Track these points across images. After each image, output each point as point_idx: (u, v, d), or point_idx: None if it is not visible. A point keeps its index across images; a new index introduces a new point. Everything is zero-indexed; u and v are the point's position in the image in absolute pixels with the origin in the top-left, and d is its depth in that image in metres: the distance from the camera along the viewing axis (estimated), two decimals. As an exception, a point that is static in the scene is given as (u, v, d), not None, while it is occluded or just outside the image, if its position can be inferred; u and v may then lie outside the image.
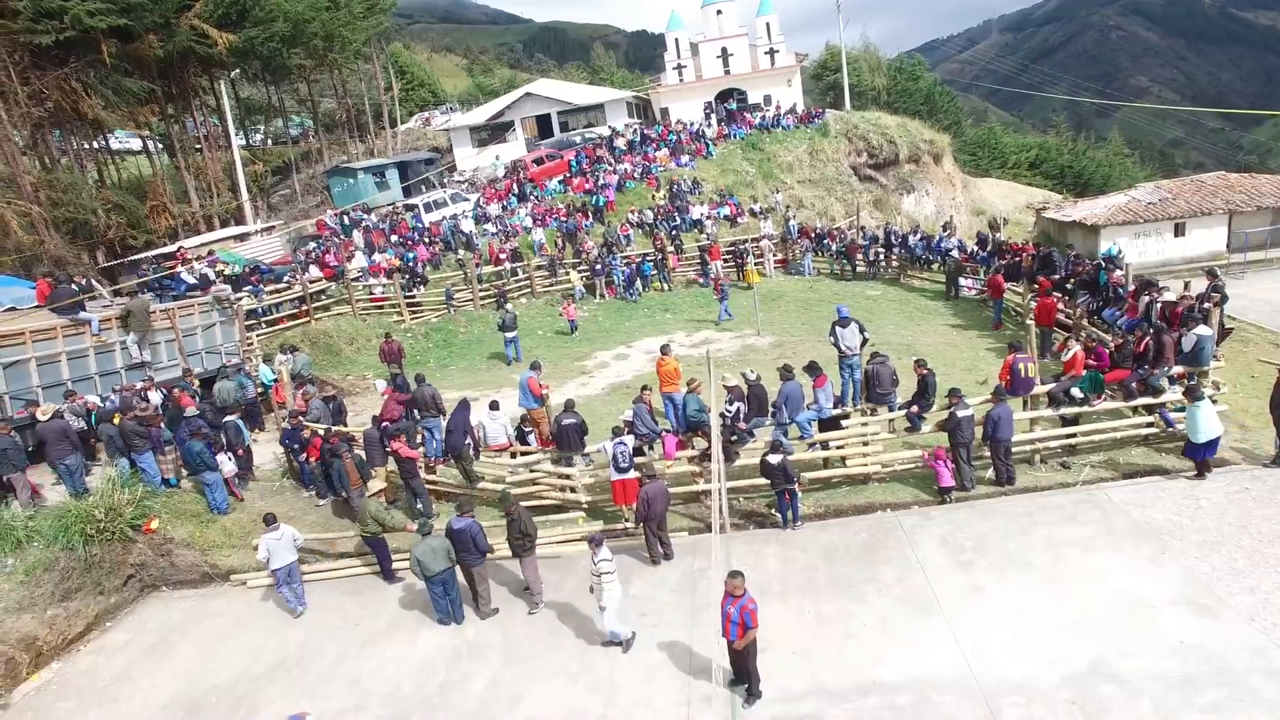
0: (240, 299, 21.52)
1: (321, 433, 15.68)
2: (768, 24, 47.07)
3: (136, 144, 37.99)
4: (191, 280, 21.42)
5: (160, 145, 33.11)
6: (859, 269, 31.98)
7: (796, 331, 25.49)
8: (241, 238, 30.95)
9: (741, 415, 13.53)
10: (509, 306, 27.53)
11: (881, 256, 31.30)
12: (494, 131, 46.90)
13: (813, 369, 13.97)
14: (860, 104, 67.01)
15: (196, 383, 18.49)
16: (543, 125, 46.91)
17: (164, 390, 17.99)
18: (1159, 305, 15.28)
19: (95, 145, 30.84)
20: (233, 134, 34.05)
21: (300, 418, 15.92)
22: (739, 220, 35.50)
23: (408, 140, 51.11)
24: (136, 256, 28.42)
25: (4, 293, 20.98)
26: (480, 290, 30.02)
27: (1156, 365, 13.33)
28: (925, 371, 13.80)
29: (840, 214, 38.65)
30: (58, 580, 13.15)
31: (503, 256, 31.14)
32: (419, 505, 14.86)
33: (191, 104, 34.39)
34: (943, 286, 28.43)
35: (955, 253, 28.40)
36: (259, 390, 18.87)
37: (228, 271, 24.62)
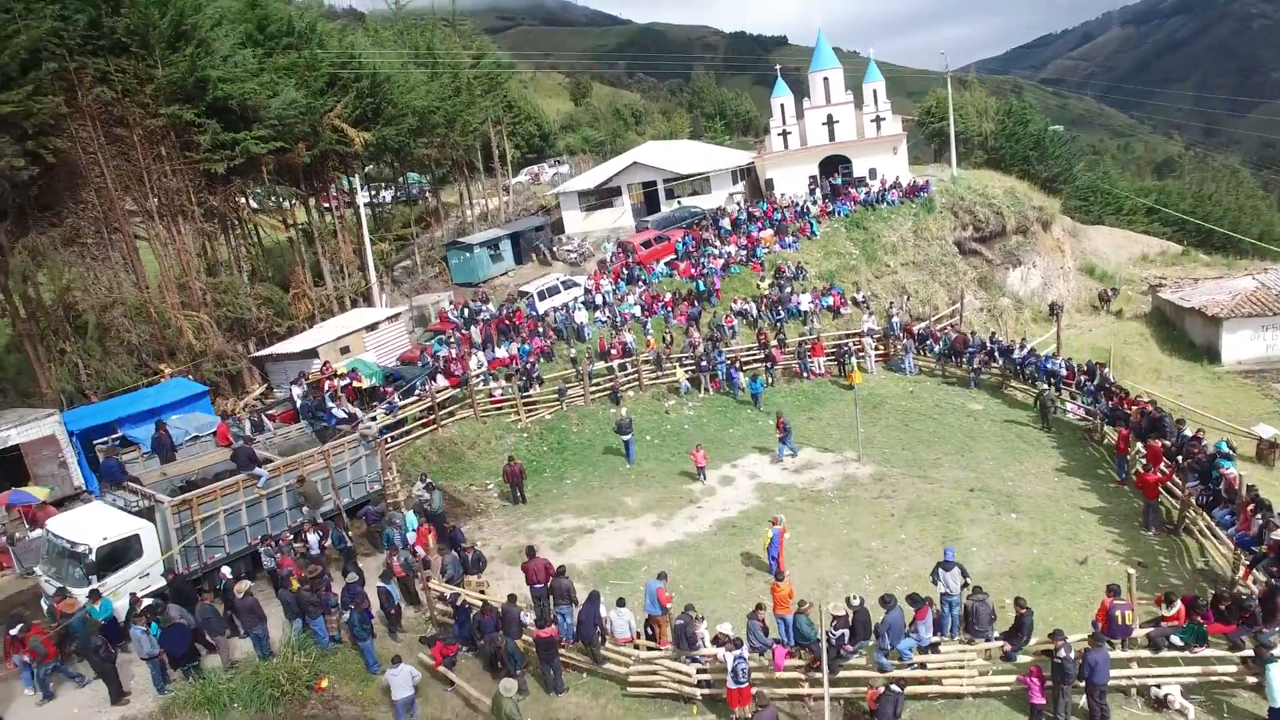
0: (379, 433, 23.68)
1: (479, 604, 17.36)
2: (874, 91, 47.13)
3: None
4: (342, 415, 23.81)
5: (301, 234, 36.08)
6: (961, 370, 32.25)
7: (897, 459, 26.16)
8: (372, 327, 33.59)
9: (846, 640, 14.60)
10: (625, 411, 29.10)
11: (984, 365, 31.45)
12: (601, 197, 48.66)
13: (914, 600, 14.88)
14: (966, 149, 66.05)
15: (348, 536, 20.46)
16: (649, 192, 48.41)
17: (320, 530, 20.34)
18: (1273, 537, 15.42)
19: (248, 242, 33.93)
20: (364, 220, 36.74)
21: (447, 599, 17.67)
22: (842, 311, 36.14)
23: (518, 199, 53.46)
24: (282, 351, 31.28)
25: (187, 421, 23.93)
26: (591, 386, 31.81)
27: (1268, 623, 13.65)
28: (1023, 611, 14.51)
29: (944, 300, 38.78)
30: (253, 741, 15.43)
31: (614, 352, 32.77)
32: (550, 673, 16.49)
33: (329, 193, 37.32)
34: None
35: (1061, 370, 28.37)
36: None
37: (365, 385, 27.11)
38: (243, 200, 31.18)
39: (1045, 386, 27.70)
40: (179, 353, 29.98)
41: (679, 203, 47.18)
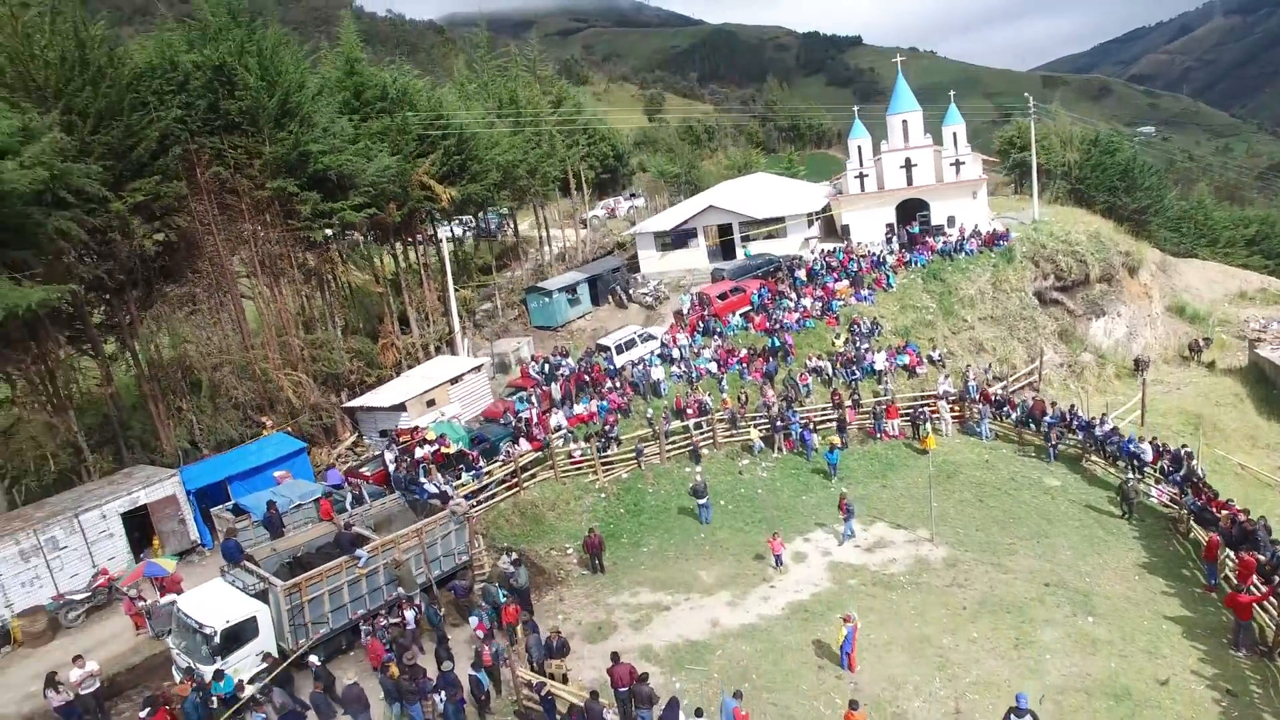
0: (466, 508, 24.93)
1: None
2: (954, 134, 46.57)
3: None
4: (433, 490, 25.17)
5: (390, 285, 37.78)
6: (1038, 439, 31.87)
7: (971, 541, 26.18)
8: (456, 380, 35.08)
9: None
10: (701, 476, 29.80)
11: (1062, 437, 31.02)
12: (677, 238, 49.38)
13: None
14: (1049, 180, 64.43)
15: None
16: (724, 233, 48.94)
17: (417, 606, 21.68)
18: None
19: (341, 297, 35.77)
20: (448, 269, 38.27)
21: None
22: (918, 370, 36.07)
23: (594, 236, 54.53)
24: (372, 405, 32.94)
25: (291, 489, 25.68)
26: (667, 445, 32.60)
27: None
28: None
29: (1022, 358, 38.28)
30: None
31: (689, 411, 33.48)
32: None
33: (416, 246, 38.98)
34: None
35: (1146, 454, 27.87)
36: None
37: (453, 450, 28.49)
38: (337, 258, 32.83)
39: (1129, 476, 27.09)
40: (279, 404, 31.96)
41: (748, 245, 47.57)
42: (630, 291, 46.48)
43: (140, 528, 25.45)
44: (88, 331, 26.32)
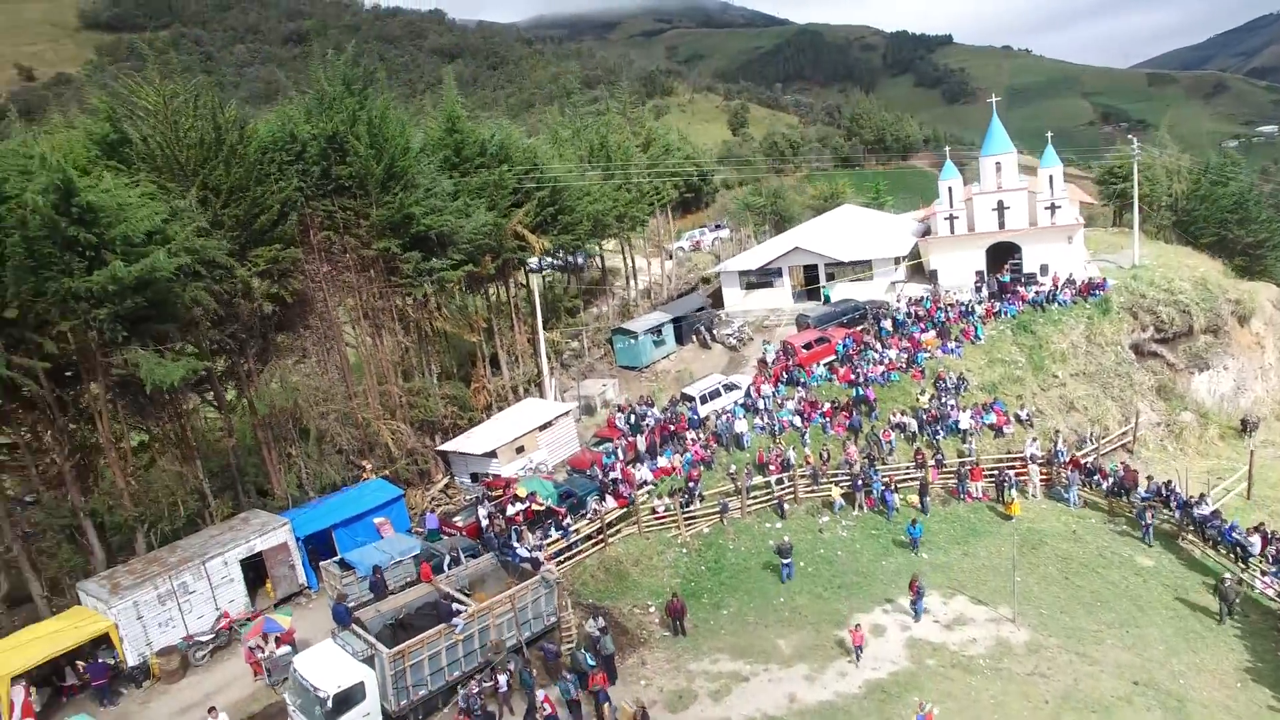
0: (556, 574, 26.07)
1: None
2: (1050, 176, 45.48)
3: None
4: (525, 554, 26.39)
5: (483, 333, 39.34)
6: (1128, 510, 31.08)
7: (1055, 624, 25.86)
8: (544, 426, 36.39)
9: None
10: (787, 537, 30.28)
11: (1156, 513, 30.17)
12: (762, 277, 49.71)
13: None
14: (1152, 210, 61.99)
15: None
16: (810, 273, 49.02)
17: (508, 669, 22.89)
18: None
19: (438, 346, 37.50)
20: (538, 312, 39.65)
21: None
22: (1004, 430, 35.56)
23: (680, 271, 55.27)
24: (465, 451, 34.51)
25: (392, 545, 27.33)
26: (748, 500, 33.12)
27: None
28: None
29: (1115, 418, 37.23)
30: None
31: (771, 467, 33.91)
32: None
33: (508, 287, 40.45)
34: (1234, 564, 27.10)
35: (1253, 546, 26.83)
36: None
37: (541, 507, 29.72)
38: (435, 309, 34.50)
39: (1227, 576, 25.74)
40: (378, 448, 33.86)
41: (830, 286, 47.47)
42: (714, 332, 47.07)
43: (255, 571, 27.57)
44: (214, 387, 28.55)
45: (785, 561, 29.36)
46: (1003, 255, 46.66)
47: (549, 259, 38.89)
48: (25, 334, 22.46)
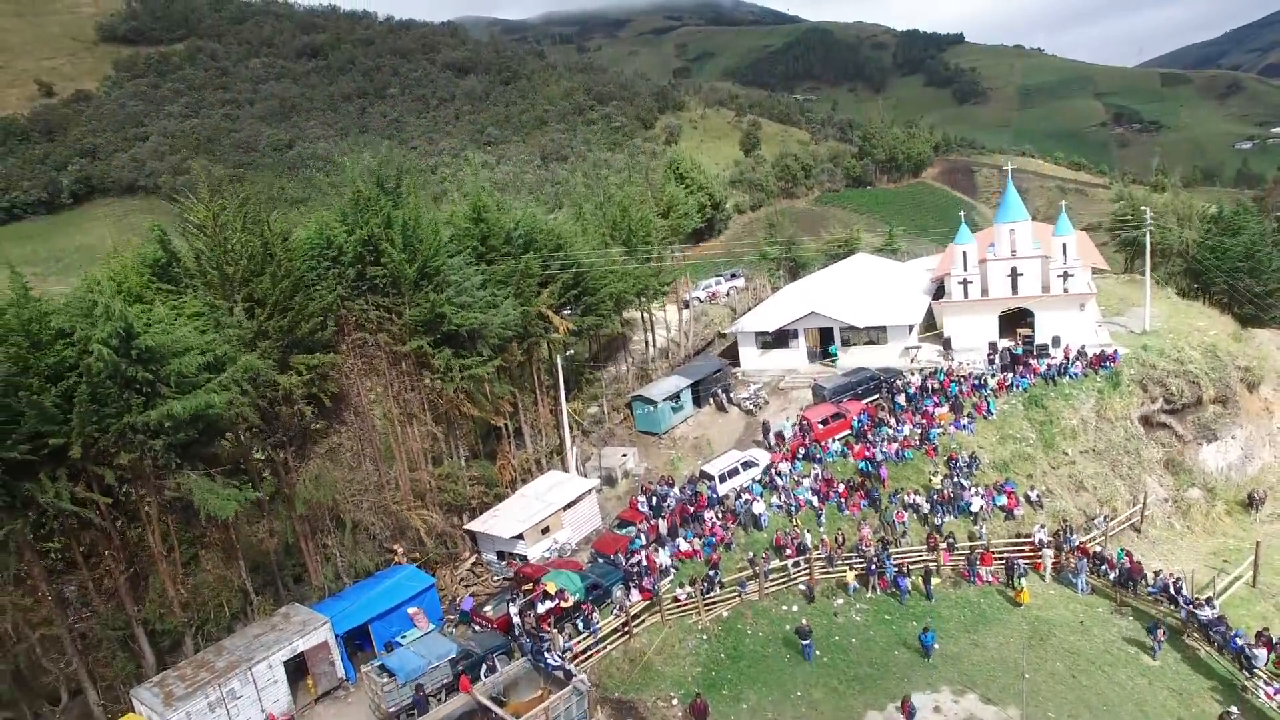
0: (588, 685, 27.37)
1: None
2: (1064, 244, 46.20)
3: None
4: (555, 662, 27.67)
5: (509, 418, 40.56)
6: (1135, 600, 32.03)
7: (1064, 729, 26.90)
8: (569, 506, 37.65)
9: None
10: (806, 621, 31.59)
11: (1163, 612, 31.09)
12: (778, 338, 50.76)
13: None
14: (1162, 260, 62.65)
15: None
16: (825, 335, 50.04)
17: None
18: None
19: (466, 429, 38.77)
20: (561, 389, 40.87)
21: None
22: (1015, 513, 36.54)
23: (696, 328, 56.34)
24: (492, 534, 35.80)
25: (429, 649, 28.59)
26: (766, 584, 34.30)
27: None
28: None
29: (1124, 498, 38.11)
30: None
31: (788, 551, 35.05)
32: None
33: (531, 365, 41.62)
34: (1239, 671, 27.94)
35: (1256, 658, 27.68)
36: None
37: (568, 603, 31.01)
38: (470, 405, 35.71)
39: (1233, 712, 25.19)
40: (409, 531, 35.18)
41: (841, 348, 48.41)
42: (731, 395, 48.14)
43: (297, 665, 28.93)
44: (260, 500, 29.89)
45: (805, 643, 30.82)
46: (1015, 318, 47.54)
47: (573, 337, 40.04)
48: (86, 466, 23.79)
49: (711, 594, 33.65)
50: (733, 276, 65.45)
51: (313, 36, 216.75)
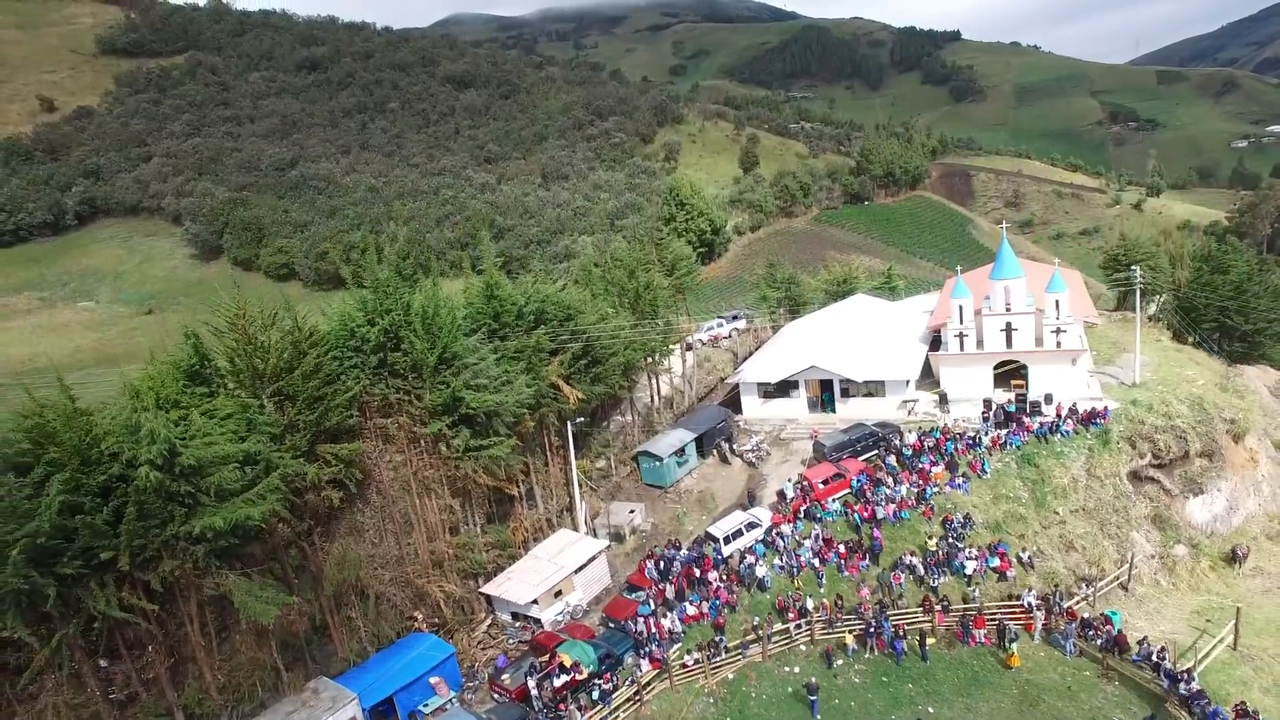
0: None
1: None
2: (1057, 301, 47.82)
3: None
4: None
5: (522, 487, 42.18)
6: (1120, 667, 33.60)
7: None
8: (580, 569, 39.29)
9: None
10: (814, 680, 33.46)
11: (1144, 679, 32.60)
12: (779, 388, 52.38)
13: None
14: (1153, 297, 64.23)
15: None
16: (825, 387, 51.66)
17: None
18: None
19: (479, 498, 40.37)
20: (570, 450, 42.50)
21: None
22: (1007, 575, 38.14)
23: (699, 375, 57.89)
24: (507, 599, 37.43)
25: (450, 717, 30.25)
26: (769, 645, 35.95)
27: None
28: None
29: (1112, 558, 39.62)
30: None
31: (790, 614, 36.70)
32: None
33: (542, 430, 43.17)
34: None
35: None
36: None
37: (583, 676, 32.67)
38: (485, 475, 37.33)
39: None
40: (428, 598, 36.81)
41: (841, 403, 50.00)
42: (734, 446, 49.76)
43: (326, 741, 30.60)
44: (289, 581, 31.50)
45: (813, 698, 32.82)
46: (1010, 371, 49.13)
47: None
48: (132, 573, 25.38)
49: (717, 659, 35.34)
50: (734, 318, 67.05)
51: (312, 50, 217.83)
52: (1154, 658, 32.87)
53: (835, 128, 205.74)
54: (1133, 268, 51.16)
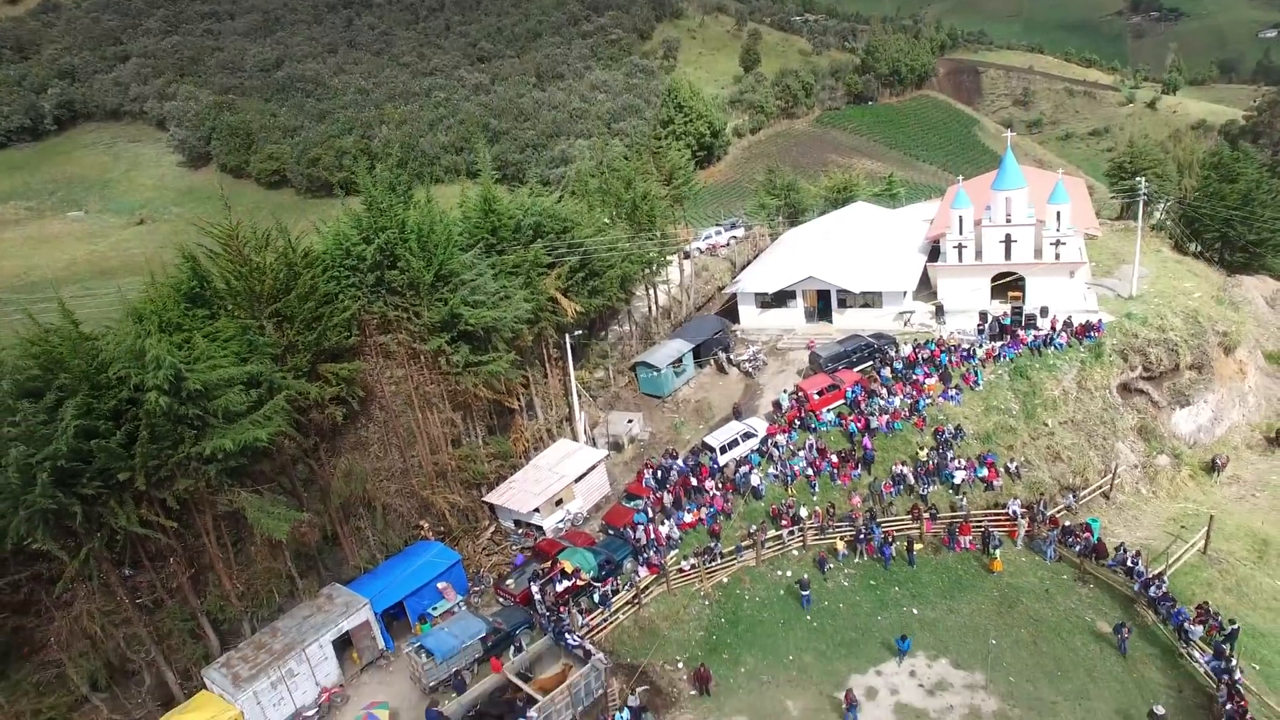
0: (606, 663, 30.83)
1: None
2: (1058, 213, 47.49)
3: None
4: (574, 642, 31.04)
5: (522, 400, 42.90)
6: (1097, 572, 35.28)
7: (1021, 693, 30.24)
8: (579, 478, 40.58)
9: None
10: (806, 576, 35.52)
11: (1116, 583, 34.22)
12: (777, 298, 52.61)
13: None
14: (1157, 205, 63.59)
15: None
16: (822, 298, 51.90)
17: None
18: None
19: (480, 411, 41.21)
20: (569, 362, 43.22)
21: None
22: (994, 484, 39.43)
23: (697, 284, 57.98)
24: (511, 508, 38.85)
25: (462, 630, 31.96)
26: (763, 552, 37.61)
27: None
28: None
29: (1096, 469, 40.75)
30: None
31: (784, 522, 38.18)
32: None
33: (541, 342, 43.67)
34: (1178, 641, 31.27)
35: (1194, 633, 30.76)
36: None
37: (584, 581, 34.26)
38: (487, 389, 38.04)
39: (1157, 710, 27.64)
40: (433, 508, 38.24)
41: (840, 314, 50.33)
42: (731, 356, 50.42)
43: (342, 640, 32.47)
44: (298, 495, 32.65)
45: (805, 593, 34.69)
46: (1007, 283, 49.25)
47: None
48: (149, 491, 26.38)
49: (713, 564, 36.98)
50: (732, 226, 66.48)
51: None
52: (1128, 562, 34.42)
53: (841, 21, 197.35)
54: (1138, 178, 50.31)
